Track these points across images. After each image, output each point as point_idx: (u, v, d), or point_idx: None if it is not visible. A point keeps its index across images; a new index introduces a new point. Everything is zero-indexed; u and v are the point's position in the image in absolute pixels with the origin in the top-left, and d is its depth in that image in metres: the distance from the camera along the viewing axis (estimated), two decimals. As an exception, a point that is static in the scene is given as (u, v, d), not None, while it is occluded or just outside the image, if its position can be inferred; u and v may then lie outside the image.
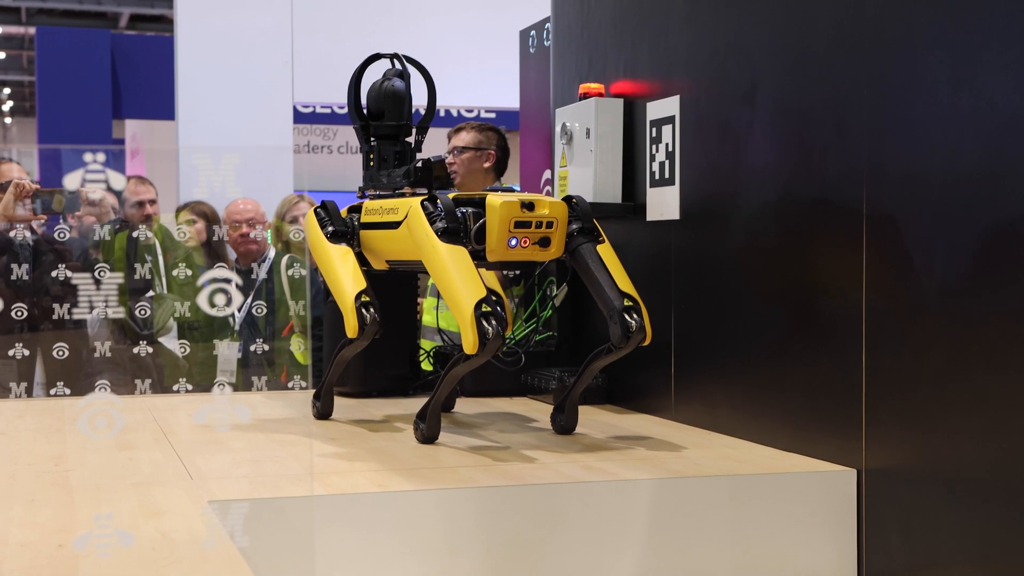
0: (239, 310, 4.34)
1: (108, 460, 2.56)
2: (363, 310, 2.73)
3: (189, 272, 4.02)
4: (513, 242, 2.68)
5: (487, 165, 4.44)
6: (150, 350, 3.82)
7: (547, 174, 4.64)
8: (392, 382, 3.57)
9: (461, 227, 2.66)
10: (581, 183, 3.47)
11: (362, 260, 2.96)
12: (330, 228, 2.92)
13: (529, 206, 2.68)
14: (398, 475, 2.40)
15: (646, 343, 2.69)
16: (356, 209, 3.01)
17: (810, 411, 2.59)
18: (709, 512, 2.39)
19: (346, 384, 3.56)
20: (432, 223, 2.66)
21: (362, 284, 2.78)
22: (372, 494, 2.25)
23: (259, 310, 4.14)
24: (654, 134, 3.22)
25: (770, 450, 2.68)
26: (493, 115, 8.77)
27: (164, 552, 1.81)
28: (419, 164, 2.93)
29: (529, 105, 4.97)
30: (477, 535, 2.27)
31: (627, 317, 2.66)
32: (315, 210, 2.98)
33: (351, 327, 2.74)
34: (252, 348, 3.82)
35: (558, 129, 3.62)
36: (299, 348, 4.15)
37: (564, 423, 2.94)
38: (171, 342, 4.24)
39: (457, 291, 2.56)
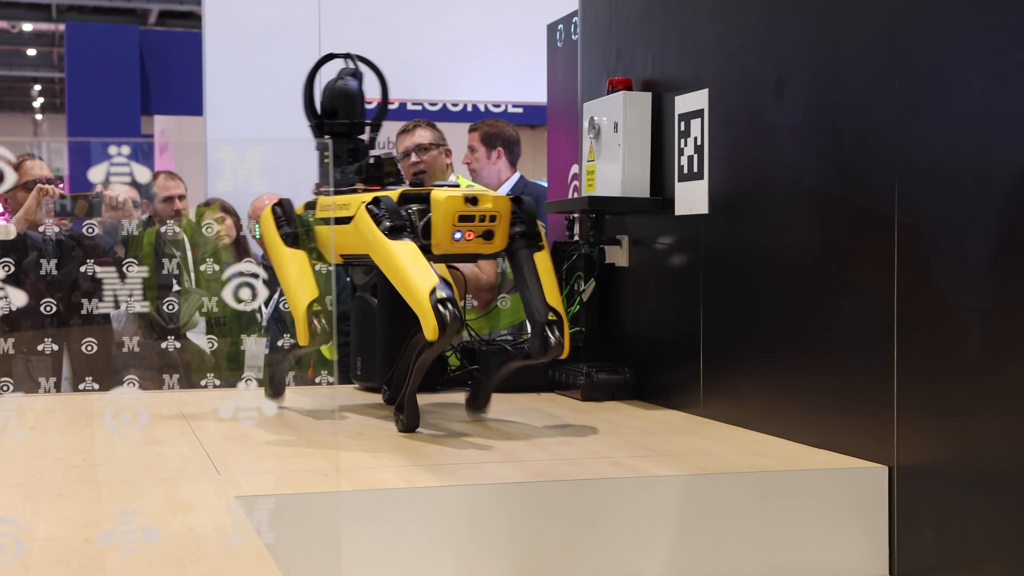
0: (266, 305, 4.34)
1: (135, 455, 2.56)
2: (314, 319, 2.84)
3: (217, 267, 4.03)
4: (457, 235, 2.76)
5: (448, 161, 4.52)
6: (178, 345, 3.83)
7: (575, 168, 4.62)
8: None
9: (407, 224, 2.73)
10: (609, 178, 3.45)
11: (320, 256, 3.06)
12: (285, 229, 2.99)
13: (472, 200, 2.76)
14: (425, 471, 2.39)
15: (563, 357, 2.81)
16: (312, 206, 3.08)
17: (841, 407, 2.56)
18: (738, 509, 2.37)
19: (371, 380, 3.56)
20: (379, 223, 2.72)
21: (314, 292, 2.89)
22: (399, 490, 2.23)
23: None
24: (682, 128, 3.20)
25: (800, 446, 2.65)
26: (520, 110, 8.75)
27: (191, 547, 1.80)
28: (371, 161, 3.00)
29: (556, 99, 4.95)
30: (504, 531, 2.26)
31: (547, 331, 2.75)
32: (272, 208, 3.04)
33: (301, 335, 2.86)
34: (279, 343, 3.82)
35: (586, 123, 3.60)
36: (326, 344, 4.15)
37: (476, 406, 3.03)
38: (199, 338, 4.25)
39: (411, 281, 2.62)
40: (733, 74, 2.98)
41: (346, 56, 3.14)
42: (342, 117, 3.10)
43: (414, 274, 2.62)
